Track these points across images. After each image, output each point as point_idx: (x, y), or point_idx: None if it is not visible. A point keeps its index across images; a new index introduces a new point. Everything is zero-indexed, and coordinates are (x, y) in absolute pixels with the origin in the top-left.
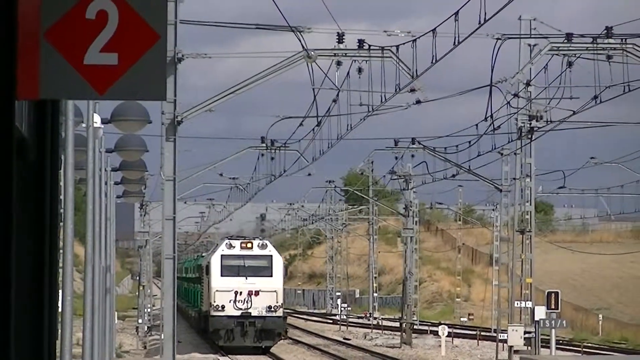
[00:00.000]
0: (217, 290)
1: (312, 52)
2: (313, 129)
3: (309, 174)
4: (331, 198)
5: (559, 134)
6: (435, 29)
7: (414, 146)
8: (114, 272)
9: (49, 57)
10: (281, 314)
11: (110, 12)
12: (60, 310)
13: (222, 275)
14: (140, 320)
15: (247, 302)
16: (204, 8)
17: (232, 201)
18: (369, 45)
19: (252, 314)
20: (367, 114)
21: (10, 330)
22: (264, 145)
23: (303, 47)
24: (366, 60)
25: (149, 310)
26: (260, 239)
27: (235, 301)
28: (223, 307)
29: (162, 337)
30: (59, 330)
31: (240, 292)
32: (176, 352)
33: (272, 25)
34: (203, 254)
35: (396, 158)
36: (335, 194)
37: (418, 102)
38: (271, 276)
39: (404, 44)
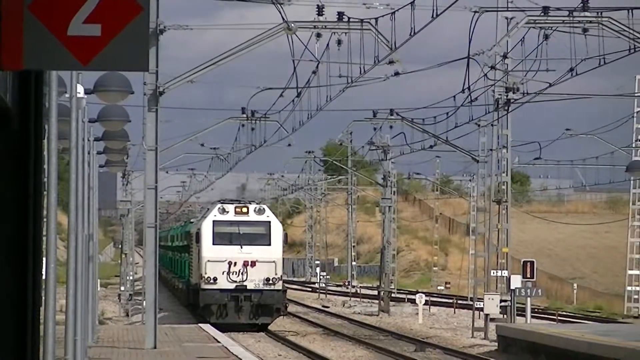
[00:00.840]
0: (208, 261)
1: (292, 24)
2: (293, 100)
3: (289, 145)
4: (310, 168)
5: (535, 106)
6: (413, 1)
7: (392, 117)
8: (97, 241)
9: (33, 29)
10: (280, 287)
11: None
12: (43, 277)
13: (214, 244)
14: (122, 288)
15: (242, 273)
16: None
17: (213, 171)
18: (349, 18)
19: (248, 287)
20: (346, 86)
21: None
22: (245, 116)
23: (283, 19)
24: (345, 33)
25: (131, 278)
26: (257, 203)
27: (228, 273)
28: (215, 279)
29: (144, 303)
30: (43, 298)
31: (235, 263)
32: (158, 322)
33: None
34: (192, 220)
35: (374, 129)
36: (315, 164)
37: (397, 74)
38: (269, 245)
39: (382, 16)
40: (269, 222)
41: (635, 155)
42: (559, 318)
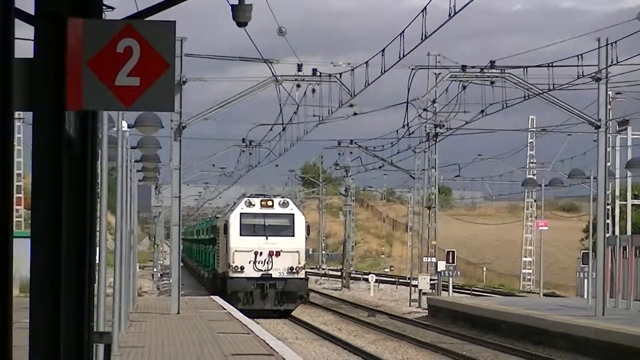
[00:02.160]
0: (236, 251)
1: (279, 78)
2: (279, 133)
3: (276, 165)
4: (292, 182)
5: (455, 137)
6: (367, 61)
7: (352, 146)
8: (136, 235)
9: (90, 79)
10: (303, 276)
11: (134, 47)
12: (97, 261)
13: (241, 235)
14: (154, 270)
15: (267, 263)
16: (204, 44)
17: (221, 184)
18: (320, 73)
19: (273, 276)
20: (318, 122)
21: (62, 276)
22: (245, 144)
23: (273, 74)
24: (318, 84)
25: (161, 262)
26: (282, 197)
27: (255, 262)
28: (242, 268)
29: (171, 281)
30: (97, 276)
31: (261, 253)
32: (180, 295)
33: (251, 57)
34: (217, 216)
35: (339, 154)
36: (295, 179)
37: (355, 114)
38: (293, 236)
39: (345, 72)
40: (293, 214)
41: (528, 174)
42: (473, 292)
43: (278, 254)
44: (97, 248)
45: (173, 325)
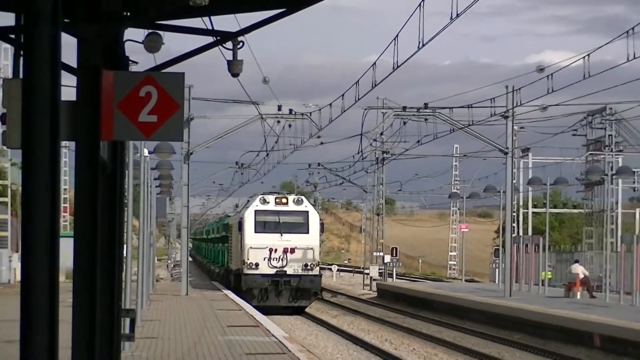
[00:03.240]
0: (250, 248)
1: (264, 116)
2: (264, 158)
3: (262, 182)
4: None
5: (398, 161)
6: (331, 103)
7: (319, 167)
8: (155, 235)
9: (119, 117)
10: (317, 273)
11: (153, 93)
12: (125, 255)
13: (256, 232)
14: (169, 262)
15: (282, 260)
16: (206, 90)
17: (219, 197)
18: (295, 112)
19: (288, 273)
20: (293, 150)
21: (97, 267)
22: (238, 166)
23: (259, 113)
24: (293, 120)
25: (173, 256)
26: (296, 195)
27: (269, 259)
28: (257, 265)
29: (181, 270)
30: (124, 267)
31: (275, 250)
32: (189, 281)
33: (242, 100)
34: (229, 214)
35: (309, 174)
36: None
37: (322, 143)
38: (307, 233)
39: (314, 111)
40: (307, 211)
41: (453, 189)
42: (411, 279)
43: (292, 250)
44: (125, 245)
45: (182, 304)
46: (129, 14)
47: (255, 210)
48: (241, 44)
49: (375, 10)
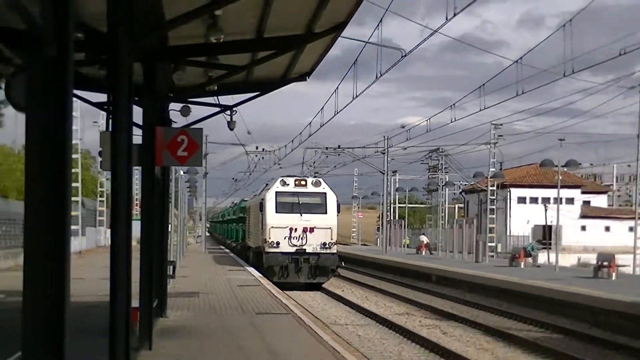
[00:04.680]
0: (272, 227)
1: (249, 152)
2: (248, 175)
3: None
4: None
5: (323, 177)
6: (285, 145)
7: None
8: (186, 218)
9: (166, 153)
10: (335, 251)
11: (185, 139)
12: (169, 230)
13: (277, 212)
14: (195, 234)
15: (302, 238)
16: (215, 136)
17: (223, 197)
18: (265, 150)
19: (307, 251)
20: (264, 172)
21: (154, 237)
22: (234, 180)
23: (245, 151)
24: (265, 154)
25: (197, 231)
26: (314, 177)
27: (290, 238)
28: (278, 243)
29: (201, 239)
30: (169, 237)
31: (295, 229)
32: (206, 245)
33: (236, 143)
34: (245, 199)
35: None
36: None
37: (280, 167)
38: (326, 213)
39: (277, 149)
40: (325, 193)
41: (354, 193)
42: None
43: (312, 230)
44: (169, 224)
45: (202, 257)
46: (171, 94)
47: (276, 192)
48: (235, 112)
49: (315, 93)
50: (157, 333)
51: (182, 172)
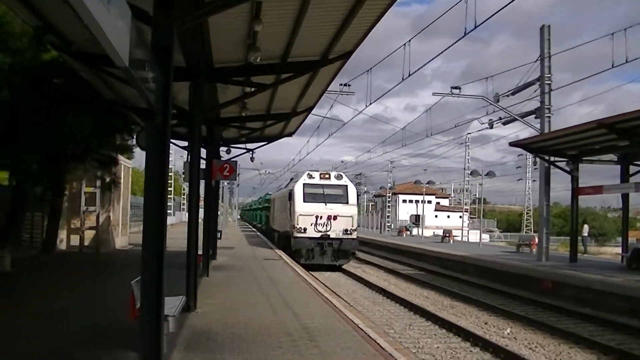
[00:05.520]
0: (300, 215)
1: (261, 173)
2: (259, 187)
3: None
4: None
5: None
6: (280, 171)
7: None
8: (228, 208)
9: (217, 174)
10: (355, 237)
11: (229, 166)
12: (219, 214)
13: (304, 201)
14: (232, 216)
15: (326, 225)
16: (243, 164)
17: (247, 196)
18: (268, 172)
19: (331, 236)
20: (271, 183)
21: (210, 217)
22: (253, 188)
23: (259, 172)
24: (270, 174)
25: (234, 215)
26: (336, 171)
27: (315, 224)
28: (305, 229)
29: (234, 220)
30: (218, 217)
31: (321, 217)
32: (238, 223)
33: (254, 168)
34: (269, 193)
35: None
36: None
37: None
38: (347, 203)
39: (278, 172)
40: (346, 185)
41: None
42: None
43: (335, 218)
44: (218, 210)
45: (235, 230)
46: (221, 142)
47: (304, 184)
48: (254, 152)
49: (296, 143)
50: (211, 268)
51: (225, 183)
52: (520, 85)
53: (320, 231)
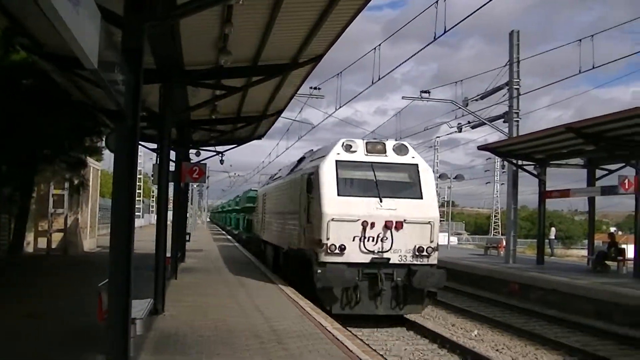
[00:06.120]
0: (332, 220)
1: (230, 175)
2: (228, 189)
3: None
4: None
5: None
6: (250, 174)
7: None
8: (197, 211)
9: (187, 176)
10: (436, 261)
11: (198, 169)
12: (189, 216)
13: (339, 194)
14: (202, 218)
15: (383, 240)
16: (212, 166)
17: (216, 199)
18: (238, 174)
19: (392, 261)
20: (240, 186)
21: (181, 220)
22: (223, 190)
23: (228, 174)
24: (239, 176)
25: (203, 218)
26: (396, 141)
27: (363, 238)
28: (342, 248)
29: (205, 222)
30: (187, 219)
31: (372, 224)
32: (207, 225)
33: (223, 170)
34: (252, 189)
35: None
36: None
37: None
38: (421, 198)
39: (246, 175)
40: (417, 164)
41: None
42: None
43: (399, 225)
44: (187, 213)
45: (205, 230)
46: (191, 145)
47: (337, 161)
48: (224, 154)
49: (266, 145)
50: (180, 270)
51: (194, 185)
52: (489, 89)
53: (372, 251)
